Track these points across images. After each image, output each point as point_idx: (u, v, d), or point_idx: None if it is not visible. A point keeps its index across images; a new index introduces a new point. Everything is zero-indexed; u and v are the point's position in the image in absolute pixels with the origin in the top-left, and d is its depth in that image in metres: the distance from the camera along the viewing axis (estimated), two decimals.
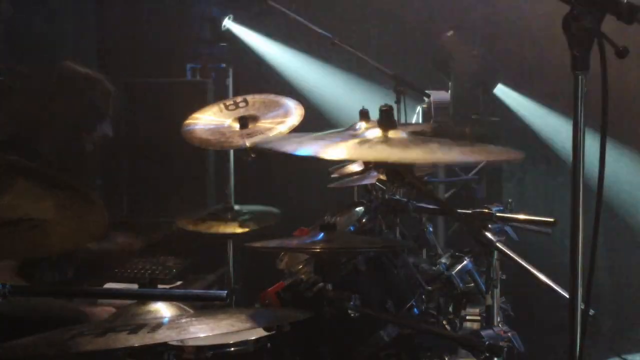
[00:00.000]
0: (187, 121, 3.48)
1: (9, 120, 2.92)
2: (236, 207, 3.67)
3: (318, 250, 2.34)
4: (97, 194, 3.09)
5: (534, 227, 2.47)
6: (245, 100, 3.52)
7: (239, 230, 3.53)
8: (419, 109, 4.98)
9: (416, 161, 2.58)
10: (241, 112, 3.46)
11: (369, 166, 2.91)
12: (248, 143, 3.29)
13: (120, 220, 4.18)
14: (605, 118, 1.48)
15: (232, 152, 3.82)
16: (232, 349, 2.43)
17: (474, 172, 4.87)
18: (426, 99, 4.86)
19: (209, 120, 3.49)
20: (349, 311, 2.25)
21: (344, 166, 3.47)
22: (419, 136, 2.42)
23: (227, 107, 3.51)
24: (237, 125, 3.42)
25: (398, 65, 4.70)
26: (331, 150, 2.21)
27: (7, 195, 1.47)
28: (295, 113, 3.42)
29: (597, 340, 4.06)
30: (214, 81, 4.82)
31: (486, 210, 2.40)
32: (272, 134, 3.34)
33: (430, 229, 2.99)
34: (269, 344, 2.42)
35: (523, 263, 2.13)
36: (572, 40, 1.50)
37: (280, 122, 3.40)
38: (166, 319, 1.93)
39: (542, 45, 4.78)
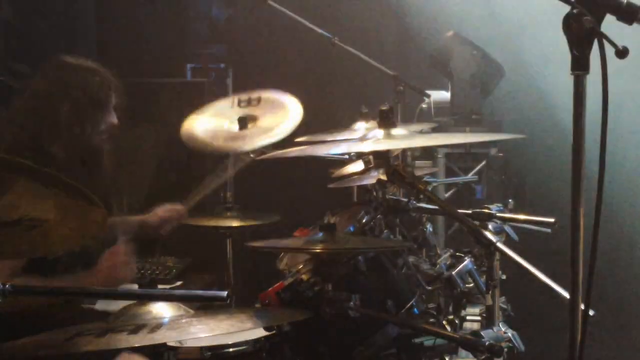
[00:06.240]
0: (187, 123, 3.44)
1: (21, 124, 2.89)
2: (235, 207, 3.65)
3: (318, 250, 2.34)
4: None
5: (534, 227, 2.47)
6: (259, 99, 3.43)
7: (239, 223, 3.50)
8: (419, 109, 4.99)
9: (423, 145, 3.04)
10: (248, 110, 3.41)
11: (369, 166, 2.91)
12: (247, 146, 3.26)
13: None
14: (605, 118, 1.48)
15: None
16: (232, 349, 2.43)
17: (474, 172, 4.88)
18: (426, 99, 4.87)
19: (208, 122, 3.44)
20: (349, 311, 2.25)
21: (344, 166, 3.47)
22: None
23: (239, 104, 3.46)
24: (236, 127, 3.34)
25: (398, 65, 4.70)
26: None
27: (7, 195, 1.46)
28: (295, 113, 3.39)
29: (597, 340, 4.06)
30: (214, 81, 4.82)
31: (486, 210, 2.40)
32: (271, 133, 3.32)
33: (430, 229, 2.99)
34: (268, 344, 2.42)
35: (523, 263, 2.12)
36: (572, 40, 1.50)
37: (280, 122, 3.36)
38: (166, 319, 1.93)
39: (542, 45, 4.77)
